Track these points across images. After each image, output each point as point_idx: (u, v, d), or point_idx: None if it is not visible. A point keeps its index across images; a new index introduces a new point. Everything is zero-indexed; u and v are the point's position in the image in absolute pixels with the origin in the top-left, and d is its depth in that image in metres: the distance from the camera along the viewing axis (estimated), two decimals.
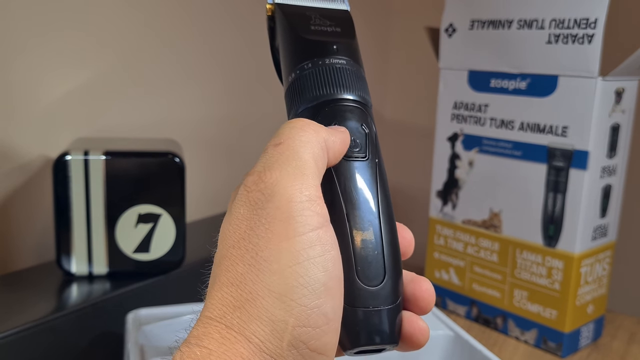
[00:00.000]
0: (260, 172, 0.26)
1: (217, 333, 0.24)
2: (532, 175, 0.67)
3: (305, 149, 0.27)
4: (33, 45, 0.63)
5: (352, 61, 0.31)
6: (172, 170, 0.59)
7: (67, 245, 0.58)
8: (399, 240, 0.30)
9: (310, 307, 0.24)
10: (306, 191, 0.25)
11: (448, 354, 0.52)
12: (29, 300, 0.54)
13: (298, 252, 0.24)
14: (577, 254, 0.64)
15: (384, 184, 0.29)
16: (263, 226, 0.25)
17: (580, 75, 0.62)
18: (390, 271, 0.28)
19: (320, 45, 0.31)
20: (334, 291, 0.25)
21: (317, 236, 0.25)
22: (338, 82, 0.30)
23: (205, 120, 0.83)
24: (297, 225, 0.25)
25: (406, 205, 1.11)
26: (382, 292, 0.28)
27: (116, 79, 0.72)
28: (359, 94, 0.30)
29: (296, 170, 0.26)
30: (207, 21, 0.81)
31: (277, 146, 0.27)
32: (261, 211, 0.25)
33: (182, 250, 0.61)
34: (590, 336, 0.70)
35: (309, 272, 0.24)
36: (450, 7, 0.73)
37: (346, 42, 0.32)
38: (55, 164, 0.56)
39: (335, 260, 0.26)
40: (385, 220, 0.29)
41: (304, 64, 0.30)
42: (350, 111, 0.30)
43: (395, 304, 0.28)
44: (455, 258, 0.76)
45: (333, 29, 0.32)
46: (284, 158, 0.26)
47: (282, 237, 0.25)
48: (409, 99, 1.10)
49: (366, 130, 0.30)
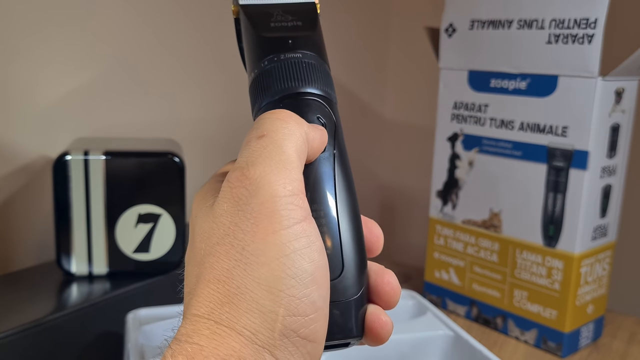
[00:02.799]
0: (243, 168, 0.26)
1: (206, 329, 0.24)
2: (532, 175, 0.67)
3: (289, 142, 0.27)
4: (33, 45, 0.63)
5: (311, 53, 0.31)
6: (172, 170, 0.59)
7: (67, 245, 0.58)
8: (364, 234, 0.29)
9: (299, 296, 0.25)
10: (289, 186, 0.26)
11: (448, 354, 0.52)
12: (29, 300, 0.54)
13: (284, 244, 0.25)
14: (577, 254, 0.64)
15: (344, 177, 0.29)
16: (248, 221, 0.25)
17: (580, 75, 0.62)
18: (349, 264, 0.28)
19: (277, 42, 0.31)
20: (320, 280, 0.26)
21: (302, 228, 0.25)
22: (293, 76, 0.30)
23: (205, 120, 0.83)
24: (282, 219, 0.25)
25: (406, 205, 1.11)
26: (339, 285, 0.28)
27: (116, 79, 0.72)
28: (315, 86, 0.30)
29: (279, 164, 0.26)
30: (208, 21, 0.81)
31: (260, 139, 0.27)
32: (245, 207, 0.25)
33: (182, 250, 0.61)
34: (590, 336, 0.70)
35: (296, 263, 0.25)
36: (450, 7, 0.73)
37: (305, 35, 0.32)
38: (55, 164, 0.56)
39: (320, 251, 0.26)
40: (344, 212, 0.28)
41: (262, 62, 0.31)
42: (306, 104, 0.30)
43: (356, 297, 0.28)
44: (455, 258, 0.76)
45: (293, 24, 0.32)
46: (268, 152, 0.26)
47: (268, 231, 0.25)
48: (409, 99, 1.10)
49: (322, 121, 0.30)
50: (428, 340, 0.52)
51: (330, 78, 0.32)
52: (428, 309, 0.56)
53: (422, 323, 0.54)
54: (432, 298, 0.79)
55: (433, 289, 0.79)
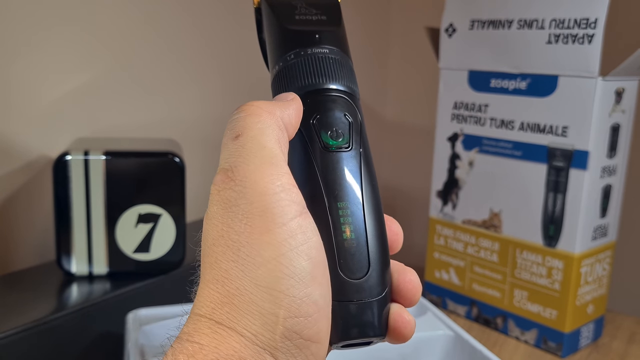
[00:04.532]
0: (226, 170, 0.25)
1: (207, 329, 0.24)
2: (532, 175, 0.67)
3: (267, 136, 0.26)
4: (33, 45, 0.63)
5: (337, 49, 0.31)
6: (172, 170, 0.59)
7: (67, 245, 0.58)
8: (386, 232, 0.29)
9: (300, 296, 0.24)
10: (278, 181, 0.25)
11: (448, 354, 0.52)
12: (29, 300, 0.54)
13: (280, 243, 0.24)
14: (577, 254, 0.64)
15: (369, 175, 0.29)
16: (241, 222, 0.24)
17: (580, 75, 0.62)
18: (375, 263, 0.27)
19: (303, 36, 0.31)
20: (320, 278, 0.25)
21: (298, 224, 0.25)
22: (320, 71, 0.30)
23: (205, 120, 0.83)
24: (276, 217, 0.24)
25: (406, 205, 1.11)
26: (365, 284, 0.27)
27: (116, 79, 0.72)
28: (342, 82, 0.30)
29: (263, 161, 0.25)
30: (208, 21, 0.81)
31: (236, 139, 0.26)
32: (235, 208, 0.25)
33: (182, 250, 0.61)
34: (590, 336, 0.70)
35: (294, 262, 0.24)
36: (450, 7, 0.73)
37: (330, 30, 0.31)
38: (55, 164, 0.56)
39: (318, 247, 0.25)
40: (370, 211, 0.28)
41: (287, 55, 0.30)
42: (332, 101, 0.29)
43: (381, 296, 0.28)
44: (455, 258, 0.76)
45: (318, 18, 0.32)
46: (247, 150, 0.25)
47: (262, 230, 0.24)
48: (409, 99, 1.10)
49: (350, 119, 0.29)
50: (428, 340, 0.52)
51: (354, 74, 0.31)
52: (428, 309, 0.56)
53: (422, 323, 0.54)
54: (432, 298, 0.79)
55: (433, 289, 0.79)
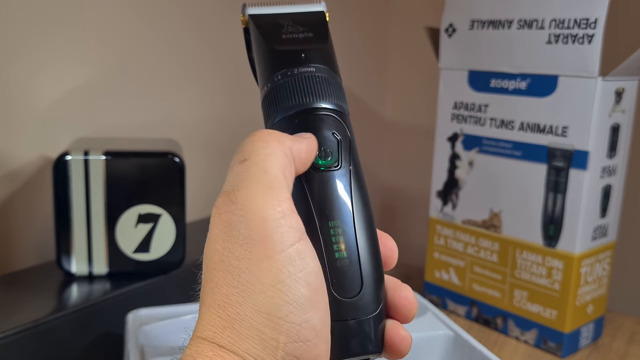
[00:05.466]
0: (228, 193, 0.26)
1: (210, 351, 0.24)
2: (532, 175, 0.67)
3: (272, 162, 0.26)
4: (33, 45, 0.63)
5: (324, 67, 0.31)
6: (172, 170, 0.59)
7: (67, 245, 0.58)
8: (380, 248, 0.29)
9: (299, 322, 0.25)
10: (279, 207, 0.25)
11: (448, 354, 0.52)
12: (29, 300, 0.54)
13: (279, 270, 0.24)
14: (577, 254, 0.64)
15: (360, 192, 0.29)
16: (241, 247, 0.25)
17: (580, 75, 0.62)
18: (368, 281, 0.28)
19: (289, 55, 0.31)
20: (318, 303, 0.25)
21: (296, 251, 0.25)
22: (307, 91, 0.30)
23: (205, 120, 0.83)
24: (275, 244, 0.25)
25: (406, 205, 1.11)
26: (359, 302, 0.27)
27: (116, 79, 0.72)
28: (329, 100, 0.30)
29: (265, 186, 0.25)
30: (207, 21, 0.81)
31: (242, 163, 0.26)
32: (236, 232, 0.25)
33: (182, 250, 0.61)
34: (590, 336, 0.70)
35: (292, 289, 0.25)
36: (450, 7, 0.73)
37: (317, 47, 0.32)
38: (55, 164, 0.56)
39: (317, 272, 0.26)
40: (362, 229, 0.28)
41: (274, 76, 0.31)
42: (320, 120, 0.29)
43: (375, 313, 0.28)
44: (455, 258, 0.76)
45: (305, 35, 0.32)
46: (251, 175, 0.26)
47: (262, 256, 0.24)
48: (409, 99, 1.10)
49: (338, 137, 0.29)
50: (428, 340, 0.52)
51: (342, 91, 0.31)
52: (428, 309, 0.56)
53: (422, 323, 0.54)
54: (432, 298, 0.79)
55: (433, 289, 0.79)
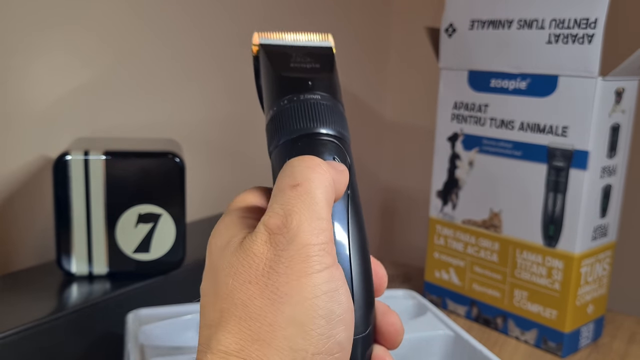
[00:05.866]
0: (282, 217, 0.27)
1: None
2: (532, 175, 0.67)
3: (320, 191, 0.28)
4: (33, 45, 0.63)
5: (329, 96, 0.32)
6: (172, 170, 0.59)
7: (67, 245, 0.58)
8: (372, 274, 0.31)
9: (328, 336, 0.26)
10: (322, 236, 0.27)
11: (448, 354, 0.52)
12: (29, 300, 0.54)
13: (316, 286, 0.26)
14: (577, 254, 0.64)
15: (356, 217, 0.30)
16: (283, 265, 0.26)
17: (580, 75, 0.62)
18: (359, 302, 0.29)
19: (297, 82, 0.33)
20: (347, 322, 0.27)
21: (330, 273, 0.27)
22: (312, 116, 0.31)
23: (206, 120, 0.83)
24: (314, 264, 0.26)
25: (406, 205, 1.11)
26: None
27: (116, 79, 0.72)
28: (332, 127, 0.31)
29: (314, 215, 0.27)
30: (208, 22, 0.81)
31: (294, 188, 0.28)
32: (283, 252, 0.27)
33: (182, 250, 0.61)
34: (590, 336, 0.70)
35: (327, 304, 0.26)
36: (450, 7, 0.73)
37: (323, 77, 0.33)
38: (55, 164, 0.56)
39: (347, 295, 0.27)
40: (356, 252, 0.30)
41: (281, 100, 0.32)
42: (322, 145, 0.31)
43: (363, 334, 0.29)
44: (455, 258, 0.76)
45: (312, 66, 0.34)
46: (302, 202, 0.27)
47: (301, 273, 0.26)
48: (409, 99, 1.10)
49: (338, 162, 0.31)
50: (428, 340, 0.52)
51: (345, 120, 0.33)
52: (428, 309, 0.56)
53: (422, 323, 0.54)
54: (432, 298, 0.79)
55: (433, 289, 0.79)
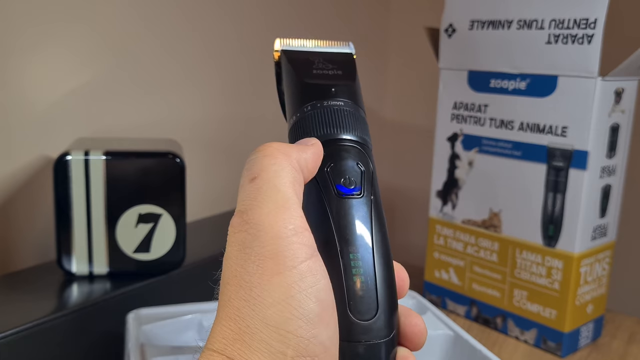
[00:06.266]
0: (242, 213, 0.27)
1: None
2: (531, 175, 0.67)
3: (281, 179, 0.27)
4: (33, 45, 0.63)
5: (351, 102, 0.33)
6: (173, 170, 0.59)
7: (67, 245, 0.58)
8: (395, 277, 0.30)
9: (307, 337, 0.25)
10: (290, 225, 0.26)
11: (448, 354, 0.52)
12: (29, 300, 0.54)
13: (290, 285, 0.25)
14: (576, 253, 0.64)
15: (379, 221, 0.30)
16: (253, 263, 0.26)
17: (580, 75, 0.62)
18: (384, 305, 0.29)
19: (320, 89, 0.33)
20: (328, 320, 0.26)
21: (307, 267, 0.26)
22: (335, 123, 0.32)
23: (206, 120, 0.83)
24: (286, 260, 0.25)
25: (406, 205, 1.11)
26: (374, 326, 0.28)
27: (116, 79, 0.72)
28: (355, 133, 0.32)
29: (277, 204, 0.26)
30: (208, 22, 0.81)
31: (252, 181, 0.27)
32: (249, 250, 0.26)
33: (182, 250, 0.61)
34: (589, 336, 0.70)
35: (302, 303, 0.25)
36: (450, 7, 0.73)
37: (346, 84, 0.34)
38: (55, 164, 0.56)
39: (327, 289, 0.26)
40: (380, 256, 0.29)
41: (304, 107, 0.32)
42: (345, 150, 0.31)
43: (388, 338, 0.29)
44: (455, 258, 0.76)
45: (334, 72, 0.34)
46: (262, 194, 0.26)
47: (273, 272, 0.25)
48: (409, 99, 1.10)
49: (362, 168, 0.31)
50: (428, 340, 0.52)
51: (366, 125, 0.33)
52: (428, 309, 0.56)
53: None
54: (432, 298, 0.79)
55: (433, 289, 0.79)
